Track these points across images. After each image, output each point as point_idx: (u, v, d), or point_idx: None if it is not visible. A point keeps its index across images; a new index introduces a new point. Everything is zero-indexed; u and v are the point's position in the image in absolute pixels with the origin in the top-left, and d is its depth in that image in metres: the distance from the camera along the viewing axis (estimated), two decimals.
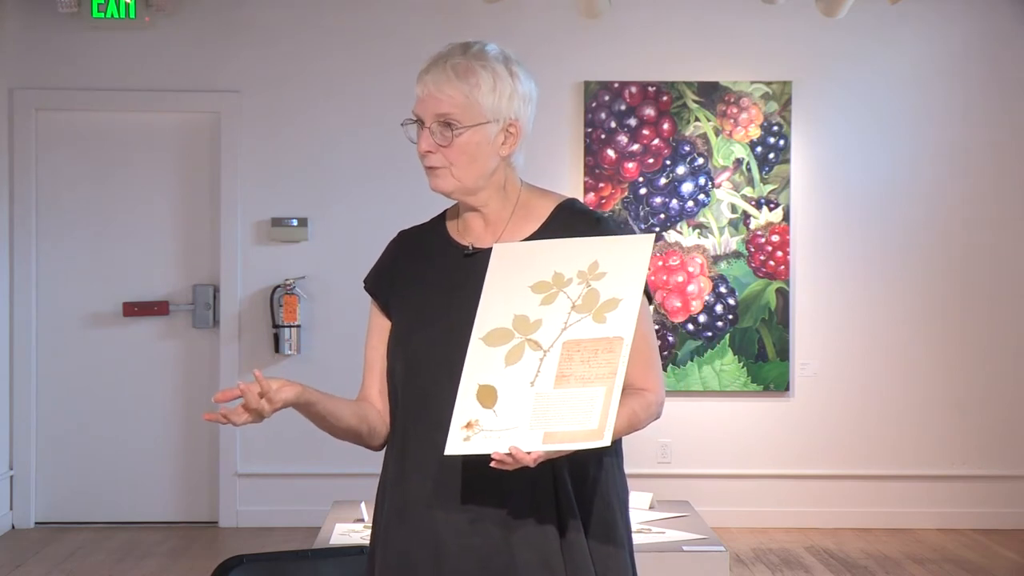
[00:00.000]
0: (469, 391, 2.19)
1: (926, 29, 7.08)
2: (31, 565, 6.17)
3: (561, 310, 2.20)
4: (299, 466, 7.00)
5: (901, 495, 7.05)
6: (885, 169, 7.08)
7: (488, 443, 2.15)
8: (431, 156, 2.35)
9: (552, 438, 2.15)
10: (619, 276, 2.20)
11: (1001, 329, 7.10)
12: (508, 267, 2.24)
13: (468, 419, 2.17)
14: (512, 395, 2.18)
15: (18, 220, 6.93)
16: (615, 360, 2.16)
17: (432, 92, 2.32)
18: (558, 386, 2.17)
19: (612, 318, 2.18)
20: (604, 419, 2.15)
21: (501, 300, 2.23)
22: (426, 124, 2.33)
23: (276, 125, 7.00)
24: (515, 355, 2.20)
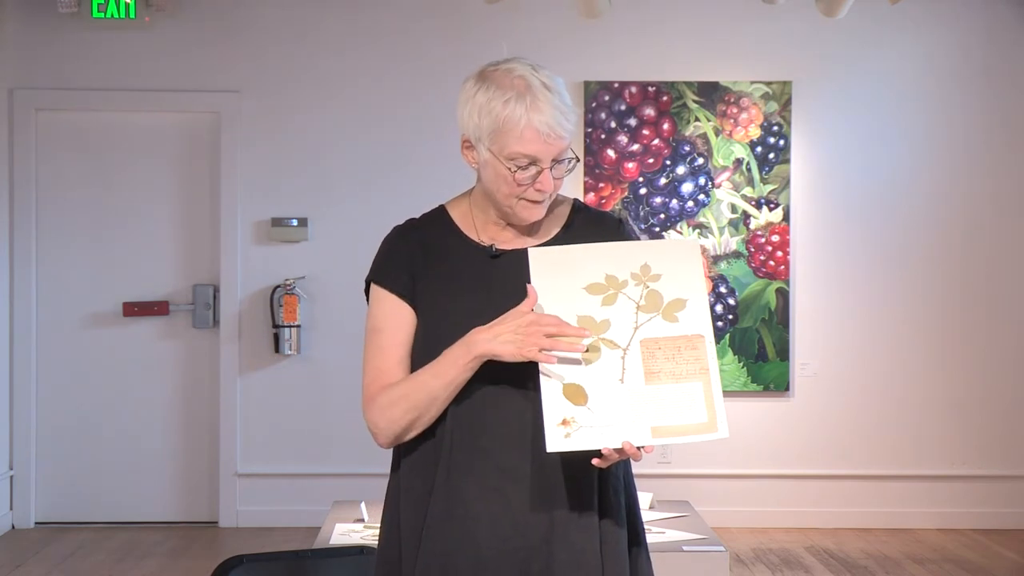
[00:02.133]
0: (554, 389, 2.16)
1: (926, 29, 7.08)
2: (31, 565, 6.17)
3: (626, 310, 2.20)
4: (299, 466, 7.00)
5: (901, 495, 7.05)
6: (885, 169, 7.08)
7: (592, 438, 2.14)
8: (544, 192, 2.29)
9: (661, 432, 2.15)
10: (676, 278, 2.21)
11: (1001, 329, 7.10)
12: (551, 271, 2.22)
13: (563, 416, 2.15)
14: (603, 392, 2.16)
15: (18, 220, 6.93)
16: (702, 356, 2.18)
17: (559, 134, 2.25)
18: (650, 383, 2.17)
19: (684, 317, 2.20)
20: (712, 412, 2.16)
21: (557, 301, 2.20)
22: (544, 165, 2.26)
23: (276, 125, 7.00)
24: (593, 354, 2.18)
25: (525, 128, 2.23)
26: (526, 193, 2.28)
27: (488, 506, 2.24)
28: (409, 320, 2.34)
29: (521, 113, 2.23)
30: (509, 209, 2.31)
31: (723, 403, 2.18)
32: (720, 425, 2.16)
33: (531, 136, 2.23)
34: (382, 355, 2.33)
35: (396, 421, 2.27)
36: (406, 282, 2.35)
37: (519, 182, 2.27)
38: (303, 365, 7.00)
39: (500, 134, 2.26)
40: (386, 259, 2.41)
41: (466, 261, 2.34)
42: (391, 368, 2.31)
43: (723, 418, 2.17)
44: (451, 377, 2.22)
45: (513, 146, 2.25)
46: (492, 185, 2.32)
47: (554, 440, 2.14)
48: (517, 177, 2.26)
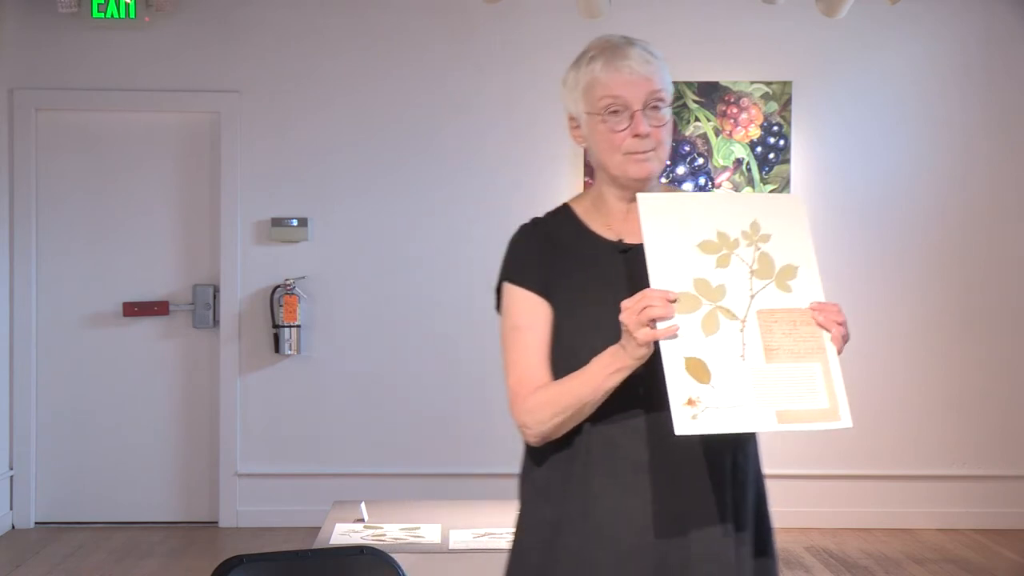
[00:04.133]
0: (677, 364, 2.06)
1: (926, 29, 7.07)
2: (31, 565, 6.17)
3: (741, 275, 2.12)
4: (299, 466, 7.00)
5: (901, 495, 7.05)
6: (885, 169, 7.08)
7: (719, 421, 2.05)
8: (647, 139, 2.28)
9: (786, 417, 2.08)
10: (785, 239, 2.15)
11: (1001, 329, 7.10)
12: (662, 220, 2.13)
13: (688, 396, 2.05)
14: (725, 369, 2.07)
15: (18, 220, 6.93)
16: (818, 334, 2.13)
17: (643, 74, 2.27)
18: (770, 360, 2.09)
19: (796, 287, 2.13)
20: (833, 398, 2.10)
21: (671, 259, 2.11)
22: (635, 108, 2.26)
23: (276, 125, 7.00)
24: (711, 324, 2.09)
25: (606, 72, 2.28)
26: (627, 144, 2.28)
27: (623, 501, 2.24)
28: (548, 316, 2.32)
29: (602, 63, 2.29)
30: (620, 172, 2.30)
31: (844, 388, 2.10)
32: (843, 413, 2.10)
33: (613, 78, 2.27)
34: (527, 353, 2.31)
35: (544, 423, 2.27)
36: (541, 278, 2.33)
37: (613, 129, 2.28)
38: (303, 365, 7.00)
39: (589, 90, 2.31)
40: (517, 258, 2.38)
41: (595, 256, 2.32)
42: (537, 366, 2.30)
43: (845, 405, 2.10)
44: (598, 383, 2.19)
45: (599, 92, 2.29)
46: (596, 149, 2.33)
47: (682, 422, 2.05)
48: (611, 124, 2.28)
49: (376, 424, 7.00)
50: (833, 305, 2.12)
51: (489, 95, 7.01)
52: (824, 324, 2.11)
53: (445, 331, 6.99)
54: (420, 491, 6.82)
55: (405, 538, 3.97)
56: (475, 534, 4.02)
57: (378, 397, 7.00)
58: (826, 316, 2.11)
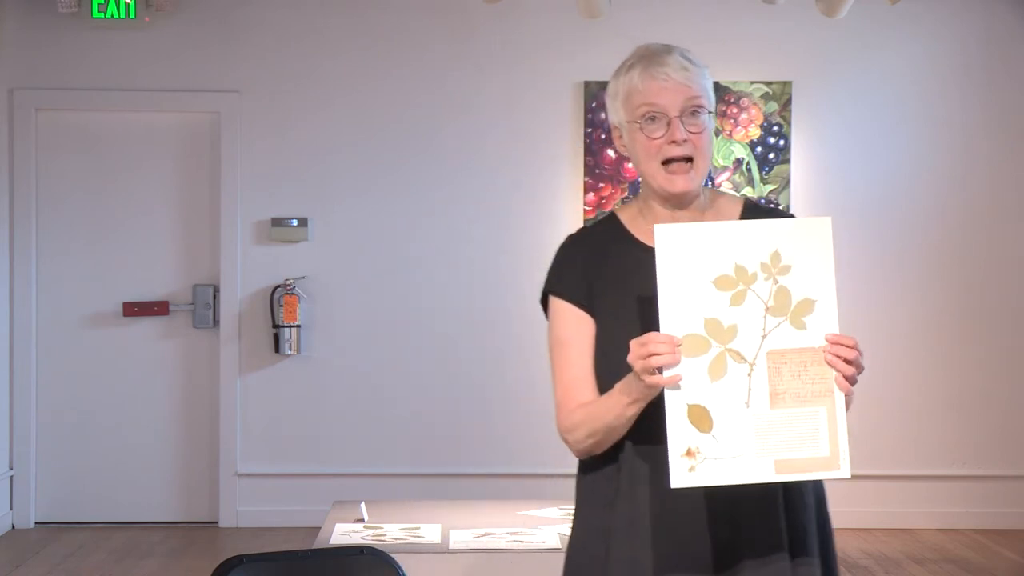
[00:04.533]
0: (679, 413, 2.05)
1: (926, 29, 7.07)
2: (31, 565, 6.17)
3: (755, 314, 2.08)
4: (299, 466, 7.00)
5: (901, 495, 7.05)
6: (885, 169, 7.08)
7: (716, 473, 2.04)
8: (685, 146, 2.25)
9: (785, 467, 2.05)
10: (806, 270, 2.10)
11: (1001, 329, 7.10)
12: (680, 254, 2.09)
13: (687, 446, 2.05)
14: (728, 417, 2.05)
15: (18, 220, 6.93)
16: (828, 374, 2.07)
17: (681, 81, 2.25)
18: (775, 406, 2.06)
19: (812, 323, 2.09)
20: (835, 445, 2.06)
21: (684, 298, 2.08)
22: (672, 114, 2.25)
23: (276, 125, 7.00)
24: (719, 369, 2.06)
25: (643, 80, 2.26)
26: (663, 151, 2.26)
27: (667, 512, 2.23)
28: (591, 329, 2.32)
29: (640, 70, 2.27)
30: (656, 184, 2.29)
31: (846, 434, 2.07)
32: (843, 462, 2.07)
33: (650, 86, 2.25)
34: (570, 368, 2.32)
35: (582, 442, 2.29)
36: (584, 290, 2.33)
37: (651, 136, 2.26)
38: (303, 365, 7.00)
39: (628, 98, 2.29)
40: (561, 269, 2.38)
41: (639, 265, 2.29)
42: (579, 381, 2.31)
43: (846, 452, 2.07)
44: (619, 412, 2.20)
45: (637, 100, 2.27)
46: (636, 158, 2.32)
47: (678, 474, 2.05)
48: (648, 131, 2.26)
49: (376, 424, 7.00)
50: (849, 340, 2.08)
51: (489, 95, 7.01)
52: (831, 363, 2.07)
53: (445, 331, 6.99)
54: (420, 491, 6.82)
55: (405, 538, 3.97)
56: (475, 534, 4.02)
57: (378, 397, 7.00)
58: (836, 354, 2.07)
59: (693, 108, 2.26)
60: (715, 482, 2.05)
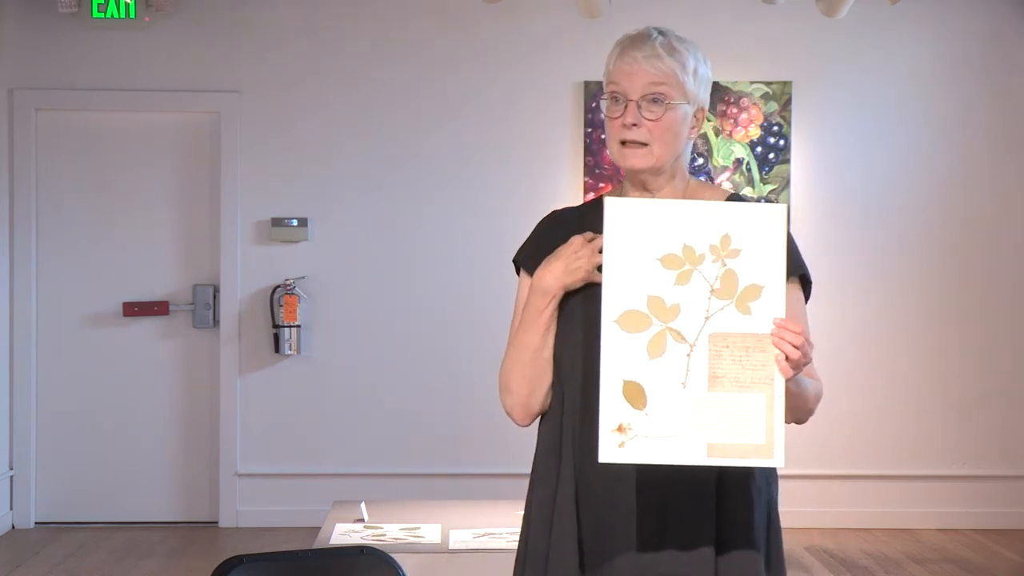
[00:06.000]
0: (614, 388, 2.04)
1: (926, 29, 7.07)
2: (31, 565, 6.17)
3: (699, 295, 2.05)
4: (299, 466, 7.00)
5: (901, 495, 7.05)
6: (885, 169, 7.08)
7: (646, 451, 2.03)
8: (635, 130, 2.29)
9: (716, 451, 2.03)
10: (756, 256, 2.06)
11: (1001, 329, 7.10)
12: (628, 230, 2.08)
13: (619, 422, 2.03)
14: (663, 396, 2.03)
15: (18, 220, 6.93)
16: (769, 362, 2.03)
17: (643, 66, 2.30)
18: (712, 388, 2.03)
19: (757, 309, 2.05)
20: (771, 433, 2.02)
21: (629, 274, 2.06)
22: (631, 98, 2.29)
23: (276, 125, 7.00)
24: (658, 347, 2.04)
25: (616, 62, 2.33)
26: (619, 133, 2.31)
27: (609, 489, 2.24)
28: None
29: (617, 52, 2.34)
30: (613, 159, 2.35)
31: (783, 424, 2.03)
32: (777, 452, 2.03)
33: (619, 67, 2.32)
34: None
35: (516, 391, 2.32)
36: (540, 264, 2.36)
37: (610, 115, 2.32)
38: (303, 365, 7.00)
39: (605, 76, 2.37)
40: (530, 242, 2.46)
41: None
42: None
43: (780, 443, 2.03)
44: (540, 324, 2.26)
45: (607, 79, 2.35)
46: (606, 138, 2.39)
47: (607, 449, 2.04)
48: (609, 111, 2.32)
49: (376, 424, 7.00)
50: (796, 326, 2.04)
51: (489, 95, 7.01)
52: (777, 345, 2.03)
53: (445, 331, 6.99)
54: (420, 491, 6.82)
55: (405, 538, 3.97)
56: (475, 534, 4.02)
57: (378, 397, 7.00)
58: (781, 337, 2.03)
59: (654, 95, 2.29)
60: (644, 460, 2.03)
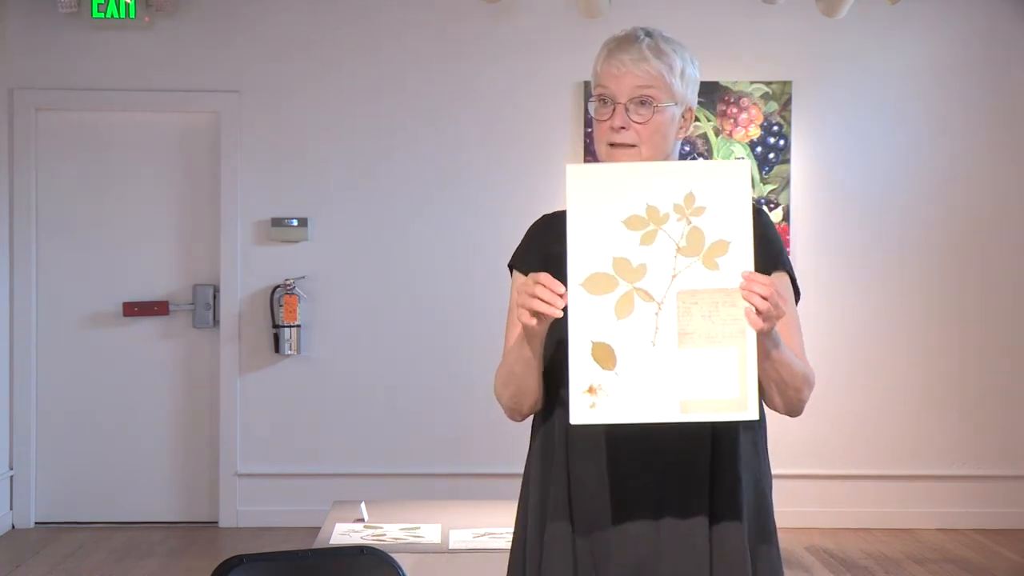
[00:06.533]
0: (583, 350, 2.03)
1: (926, 29, 7.07)
2: (31, 565, 6.17)
3: (665, 253, 2.04)
4: (299, 466, 7.00)
5: (901, 495, 7.05)
6: (885, 169, 7.08)
7: (618, 411, 2.02)
8: (624, 133, 2.30)
9: (690, 407, 2.02)
10: (721, 212, 2.05)
11: (1001, 329, 7.10)
12: (590, 194, 2.07)
13: (589, 383, 2.02)
14: (632, 355, 2.02)
15: (18, 220, 6.93)
16: (740, 317, 2.02)
17: (631, 69, 2.31)
18: (683, 345, 2.02)
19: (724, 264, 2.04)
20: (744, 387, 2.01)
21: (594, 237, 2.06)
22: (619, 101, 2.30)
23: (276, 125, 7.00)
24: (625, 307, 2.04)
25: (604, 64, 2.35)
26: (607, 135, 2.31)
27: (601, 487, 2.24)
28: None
29: (605, 54, 2.36)
30: (606, 161, 2.33)
31: (755, 377, 2.02)
32: (750, 403, 2.01)
33: (607, 70, 2.34)
34: (510, 338, 2.38)
35: (503, 396, 2.35)
36: (536, 265, 2.35)
37: (598, 118, 2.33)
38: (303, 365, 7.00)
39: (593, 78, 2.39)
40: (524, 244, 2.47)
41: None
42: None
43: (754, 395, 2.02)
44: (516, 353, 2.26)
45: (595, 82, 2.36)
46: (595, 139, 2.39)
47: (579, 410, 2.03)
48: (598, 114, 2.33)
49: (376, 424, 7.00)
50: (763, 278, 2.03)
51: (489, 95, 7.01)
52: (746, 297, 2.02)
53: (445, 331, 6.99)
54: (420, 491, 6.82)
55: (405, 538, 3.97)
56: (475, 534, 4.02)
57: (378, 397, 7.00)
58: (750, 288, 2.02)
59: (642, 97, 2.30)
60: (616, 420, 2.03)
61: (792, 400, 2.24)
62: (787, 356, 2.18)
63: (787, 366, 2.18)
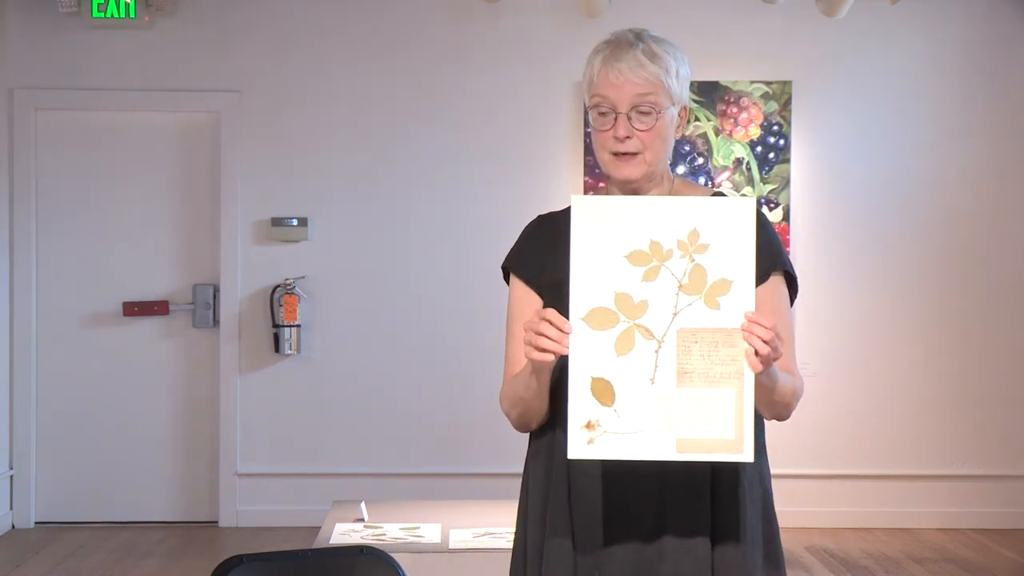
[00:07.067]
0: (582, 385, 2.04)
1: (926, 29, 7.07)
2: (31, 565, 6.17)
3: (667, 290, 2.04)
4: (299, 466, 7.00)
5: (901, 495, 7.05)
6: (885, 169, 7.08)
7: (615, 447, 2.03)
8: (628, 142, 2.29)
9: (686, 446, 2.02)
10: (724, 251, 2.05)
11: (1001, 329, 7.10)
12: (595, 227, 2.07)
13: (587, 418, 2.04)
14: (631, 392, 2.03)
15: (18, 220, 6.93)
16: (739, 357, 2.02)
17: (629, 77, 2.29)
18: (681, 384, 2.03)
19: (726, 304, 2.04)
20: (740, 428, 2.02)
21: (596, 271, 2.06)
22: (620, 110, 2.29)
23: (276, 125, 7.00)
24: (626, 344, 2.04)
25: (600, 72, 2.31)
26: (610, 145, 2.31)
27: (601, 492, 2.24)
28: (537, 306, 2.34)
29: (599, 61, 2.32)
30: (605, 170, 2.34)
31: (752, 419, 2.03)
32: (746, 446, 2.02)
33: (603, 79, 2.30)
34: (512, 343, 2.37)
35: (508, 414, 2.35)
36: (534, 268, 2.37)
37: (599, 128, 2.32)
38: (303, 365, 7.00)
39: (588, 86, 2.35)
40: (519, 247, 2.45)
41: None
42: (521, 357, 2.32)
43: (750, 438, 2.02)
44: (524, 382, 2.25)
45: (592, 90, 2.33)
46: (593, 144, 2.38)
47: (576, 446, 2.04)
48: (598, 124, 2.32)
49: (376, 424, 7.00)
50: (767, 320, 2.04)
51: (489, 95, 7.01)
52: (747, 339, 2.03)
53: (445, 331, 6.99)
54: (420, 491, 6.82)
55: (405, 538, 3.97)
56: (475, 534, 4.02)
57: (378, 397, 7.00)
58: (751, 331, 2.03)
59: (643, 105, 2.29)
60: (613, 456, 2.04)
61: (780, 412, 2.26)
62: (780, 381, 2.18)
63: (779, 390, 2.19)
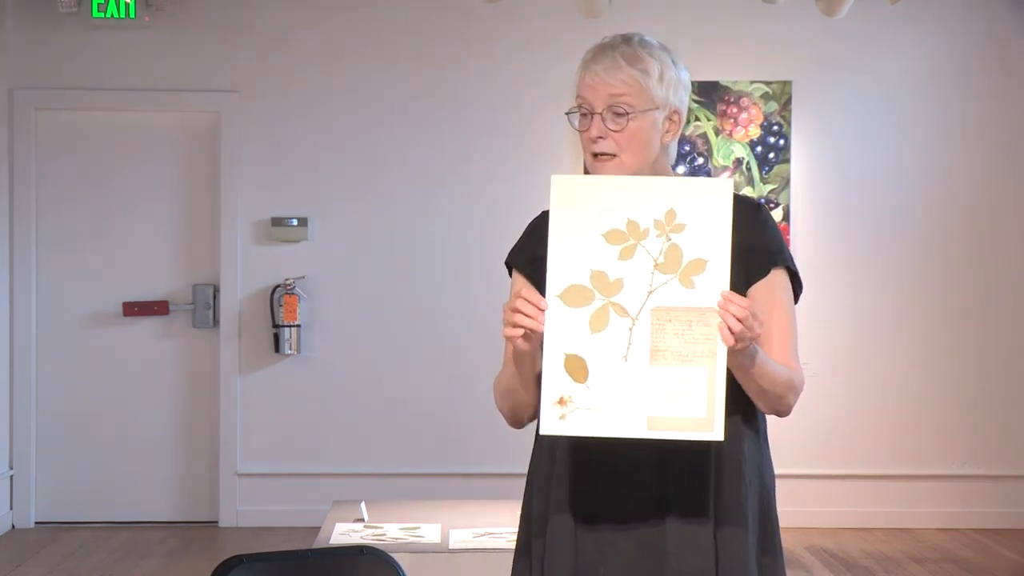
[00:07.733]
0: (556, 361, 2.06)
1: (926, 29, 7.07)
2: (31, 565, 6.17)
3: (643, 269, 2.06)
4: (299, 466, 7.00)
5: (901, 495, 7.05)
6: (885, 169, 7.08)
7: (586, 424, 2.04)
8: (602, 142, 2.32)
9: (656, 424, 2.04)
10: (701, 230, 2.06)
11: (1001, 329, 7.10)
12: (573, 205, 2.10)
13: (560, 395, 2.05)
14: (604, 369, 2.05)
15: (18, 220, 6.93)
16: (713, 336, 2.03)
17: (604, 79, 2.30)
18: (654, 362, 2.04)
19: (701, 283, 2.05)
20: (711, 407, 2.03)
21: (573, 249, 2.08)
22: (596, 111, 2.31)
23: (276, 125, 7.00)
24: (600, 321, 2.06)
25: (581, 75, 2.34)
26: (588, 144, 2.34)
27: (605, 489, 2.25)
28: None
29: (583, 64, 2.35)
30: (591, 171, 2.36)
31: (723, 398, 2.04)
32: (717, 425, 2.03)
33: (583, 81, 2.34)
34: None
35: (501, 408, 2.38)
36: (531, 262, 2.38)
37: (580, 129, 2.34)
38: (303, 365, 7.00)
39: (574, 88, 2.37)
40: (521, 243, 2.48)
41: None
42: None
43: (720, 417, 2.03)
44: (510, 369, 2.28)
45: (575, 92, 2.36)
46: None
47: (548, 421, 2.06)
48: (579, 124, 2.34)
49: (376, 424, 7.00)
50: (742, 300, 2.04)
51: (489, 95, 7.01)
52: (721, 315, 2.03)
53: (445, 330, 6.99)
54: (420, 491, 6.82)
55: (405, 538, 3.97)
56: (475, 534, 4.02)
57: (378, 397, 7.00)
58: (726, 308, 2.04)
59: (617, 106, 2.30)
60: (584, 432, 2.05)
61: (775, 405, 2.26)
62: (768, 368, 2.18)
63: (767, 376, 2.19)
